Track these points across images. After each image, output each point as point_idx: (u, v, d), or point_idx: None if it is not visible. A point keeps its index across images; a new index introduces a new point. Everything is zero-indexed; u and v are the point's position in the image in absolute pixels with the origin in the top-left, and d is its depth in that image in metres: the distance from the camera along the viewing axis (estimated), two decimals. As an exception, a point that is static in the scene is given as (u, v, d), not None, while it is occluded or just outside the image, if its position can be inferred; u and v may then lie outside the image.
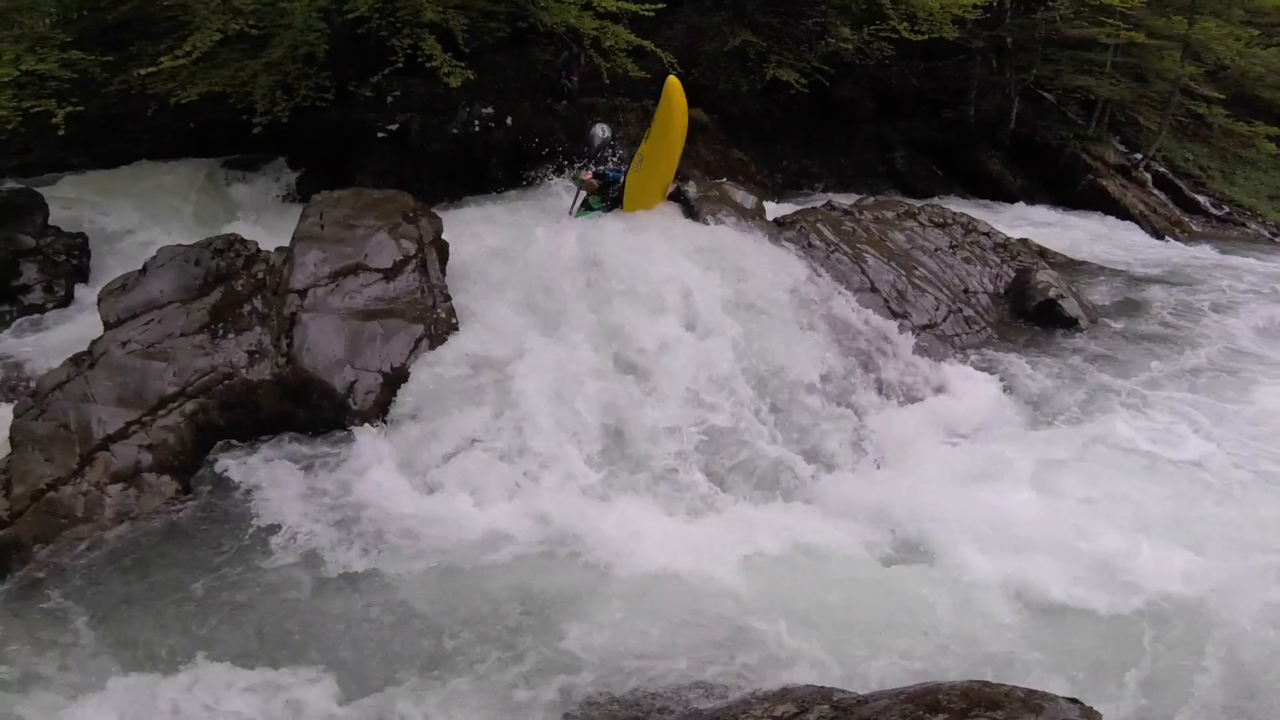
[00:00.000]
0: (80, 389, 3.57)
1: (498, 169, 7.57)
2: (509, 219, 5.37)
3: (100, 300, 3.94)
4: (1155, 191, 10.48)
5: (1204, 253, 8.49)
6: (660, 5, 7.55)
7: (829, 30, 8.68)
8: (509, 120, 7.76)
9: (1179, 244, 8.96)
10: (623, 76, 7.50)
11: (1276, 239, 10.35)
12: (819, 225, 5.37)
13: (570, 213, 4.91)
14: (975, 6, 8.73)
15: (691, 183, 5.44)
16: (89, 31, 7.55)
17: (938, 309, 5.23)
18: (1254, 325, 5.97)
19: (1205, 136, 12.15)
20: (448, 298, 4.02)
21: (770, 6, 8.82)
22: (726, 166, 8.19)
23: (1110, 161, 10.11)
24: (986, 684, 2.08)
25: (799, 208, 6.16)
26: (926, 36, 8.68)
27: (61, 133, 6.08)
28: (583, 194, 5.02)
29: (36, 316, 5.17)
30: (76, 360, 3.71)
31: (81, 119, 6.26)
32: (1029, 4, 9.77)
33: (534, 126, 7.79)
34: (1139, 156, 10.68)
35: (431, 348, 3.81)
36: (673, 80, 4.37)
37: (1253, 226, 10.69)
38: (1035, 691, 1.98)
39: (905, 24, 8.60)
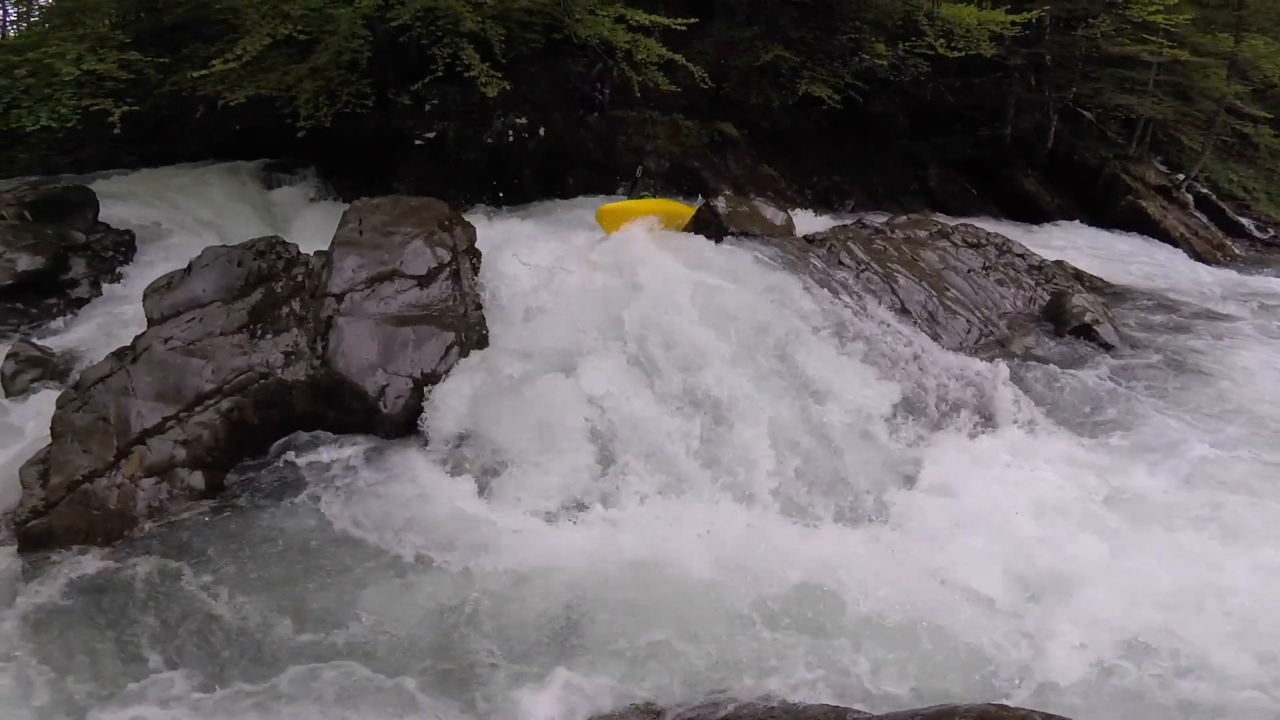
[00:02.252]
0: (121, 383, 3.67)
1: (530, 178, 7.67)
2: (541, 229, 5.42)
3: (145, 297, 4.06)
4: (1197, 213, 10.20)
5: (1247, 278, 8.22)
6: (692, 20, 7.60)
7: (863, 46, 8.64)
8: (542, 130, 7.87)
9: (1221, 268, 8.70)
10: (654, 89, 7.55)
11: (1325, 265, 9.99)
12: (849, 243, 5.33)
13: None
14: (1013, 23, 8.63)
15: (721, 198, 5.45)
16: (145, 33, 7.86)
17: (969, 331, 5.14)
18: (1295, 354, 5.74)
19: (1251, 157, 11.82)
20: (479, 306, 4.07)
21: (804, 22, 8.80)
22: (756, 182, 8.18)
23: (1151, 182, 9.87)
24: (1004, 708, 2.04)
25: (830, 225, 6.12)
26: (963, 53, 8.59)
27: (117, 131, 6.31)
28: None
29: (83, 310, 5.34)
30: (119, 355, 3.82)
31: (132, 119, 6.50)
32: (1069, 21, 9.61)
33: (566, 137, 7.88)
34: (1181, 177, 10.41)
35: (462, 355, 3.86)
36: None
37: (1299, 250, 10.33)
38: (1054, 716, 1.93)
39: (941, 40, 8.52)
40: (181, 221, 6.48)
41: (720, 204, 5.47)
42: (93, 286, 5.57)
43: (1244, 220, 10.68)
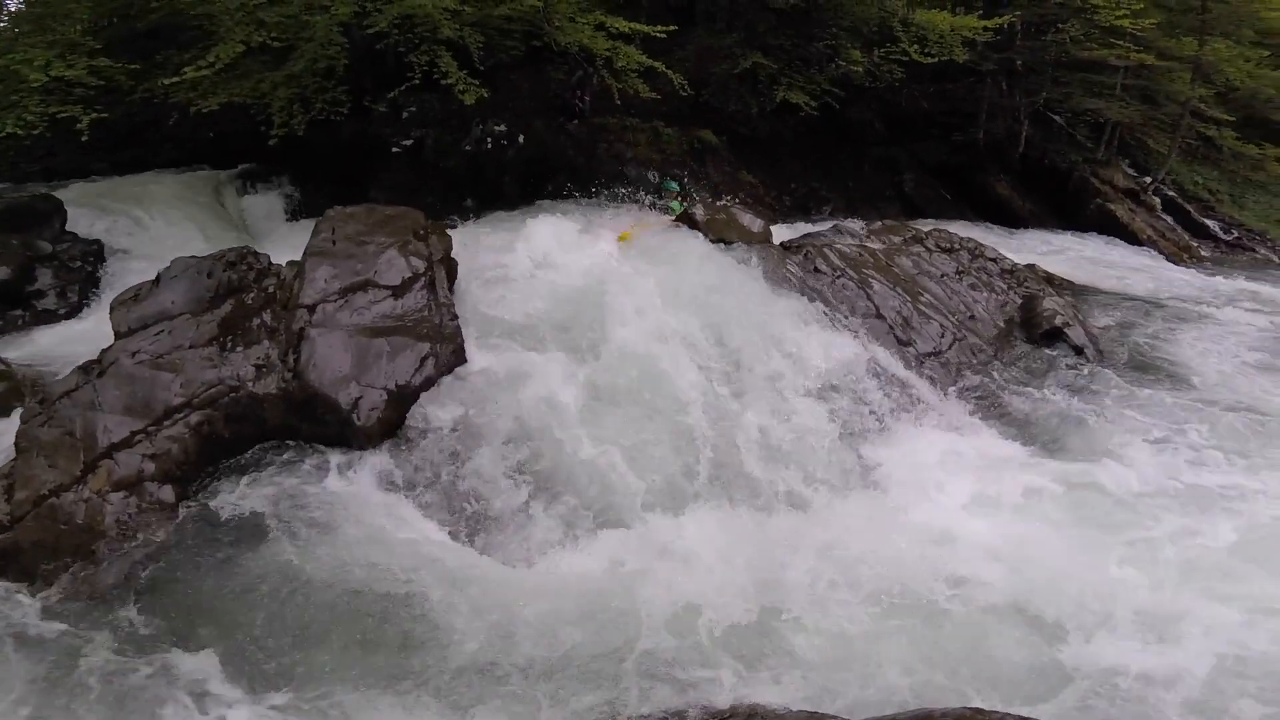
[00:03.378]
0: (88, 397, 3.62)
1: (510, 186, 7.65)
2: (519, 238, 5.41)
3: (112, 310, 3.99)
4: (1164, 216, 10.45)
5: (1212, 279, 8.44)
6: (672, 27, 7.64)
7: (839, 52, 8.74)
8: (521, 138, 7.86)
9: (1188, 269, 8.92)
10: (634, 97, 7.58)
11: (1287, 263, 10.28)
12: (825, 250, 5.39)
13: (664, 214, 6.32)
14: (985, 29, 8.79)
15: (699, 206, 5.49)
16: (118, 39, 7.72)
17: (943, 336, 5.22)
18: (1258, 353, 5.91)
19: (1215, 159, 12.12)
20: (455, 316, 4.05)
21: (782, 29, 8.89)
22: (735, 188, 8.23)
23: (1119, 185, 10.09)
24: (979, 711, 2.10)
25: (807, 231, 6.18)
26: (937, 59, 8.73)
27: (85, 139, 6.20)
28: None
29: (49, 322, 5.24)
30: (86, 369, 3.76)
31: (104, 125, 6.39)
32: (1039, 26, 9.80)
33: (546, 144, 7.88)
34: (1148, 180, 10.66)
35: (437, 366, 3.84)
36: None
37: (1262, 251, 10.61)
38: (1028, 719, 1.98)
39: (916, 46, 8.65)
40: (152, 230, 6.39)
41: (699, 211, 5.51)
42: (60, 298, 5.47)
43: (1209, 222, 10.95)
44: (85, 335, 4.71)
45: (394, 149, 7.69)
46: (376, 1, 6.61)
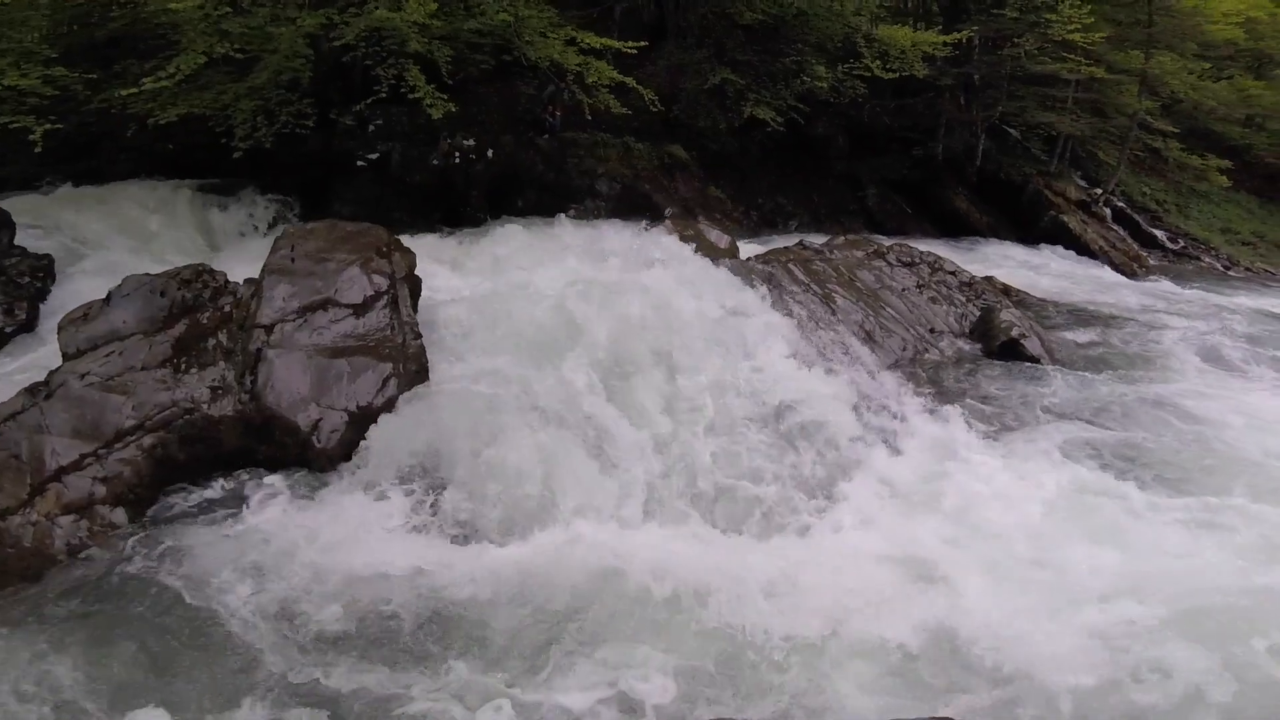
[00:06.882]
0: (35, 420, 3.52)
1: (478, 201, 7.63)
2: (487, 254, 5.41)
3: (60, 330, 3.89)
4: (1114, 226, 10.85)
5: (1161, 287, 8.80)
6: (643, 43, 7.73)
7: (805, 68, 8.94)
8: (490, 153, 7.85)
9: (1137, 279, 9.29)
10: (605, 112, 7.63)
11: (1229, 272, 10.78)
12: (790, 265, 5.50)
13: None
14: (945, 44, 9.07)
15: (668, 222, 5.58)
16: (77, 47, 7.51)
17: (904, 349, 5.36)
18: (1206, 359, 6.19)
19: (1161, 170, 12.62)
20: (418, 335, 4.02)
21: (749, 45, 9.07)
22: (704, 204, 8.33)
23: (1071, 197, 10.46)
24: None
25: (773, 247, 6.30)
26: (898, 74, 8.98)
27: (38, 150, 6.03)
28: None
29: (-5, 341, 5.05)
30: (32, 390, 3.65)
31: (59, 136, 6.21)
32: (996, 41, 10.14)
33: (516, 159, 7.88)
34: (1099, 191, 11.07)
35: (399, 387, 3.80)
36: None
37: (1206, 260, 11.09)
38: None
39: (878, 62, 8.90)
40: (106, 245, 6.19)
41: (667, 228, 5.60)
42: (7, 315, 5.27)
43: (1157, 231, 11.40)
44: (33, 354, 4.56)
45: (360, 163, 7.62)
46: (344, 14, 6.57)
